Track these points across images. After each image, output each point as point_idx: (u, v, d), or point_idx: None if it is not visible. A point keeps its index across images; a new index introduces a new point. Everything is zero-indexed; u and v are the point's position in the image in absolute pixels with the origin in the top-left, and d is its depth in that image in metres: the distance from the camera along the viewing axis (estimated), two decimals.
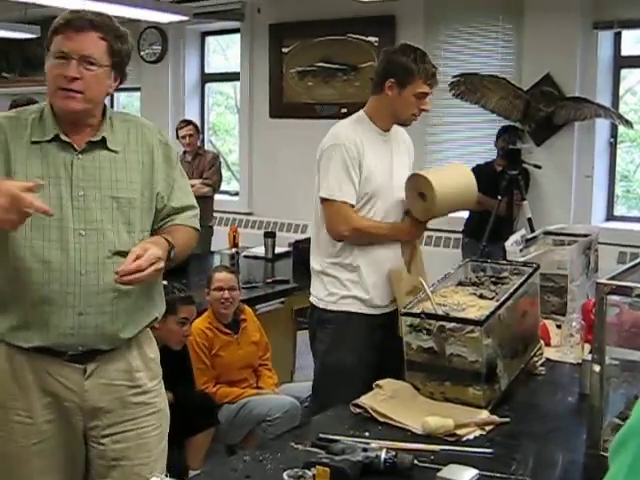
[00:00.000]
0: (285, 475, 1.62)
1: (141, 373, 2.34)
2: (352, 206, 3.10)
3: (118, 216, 2.23)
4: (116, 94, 8.84)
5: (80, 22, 2.12)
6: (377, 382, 2.49)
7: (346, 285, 3.17)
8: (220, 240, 6.49)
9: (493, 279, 2.74)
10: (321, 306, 3.22)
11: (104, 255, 2.19)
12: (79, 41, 2.12)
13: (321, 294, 3.22)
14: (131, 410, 2.31)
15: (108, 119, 2.27)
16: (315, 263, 3.26)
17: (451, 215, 3.53)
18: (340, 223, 3.10)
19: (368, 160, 3.12)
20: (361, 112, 3.27)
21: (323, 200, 3.12)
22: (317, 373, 3.31)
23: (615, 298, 2.01)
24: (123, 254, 2.16)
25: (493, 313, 2.34)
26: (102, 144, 2.23)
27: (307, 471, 1.66)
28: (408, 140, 3.39)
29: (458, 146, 6.67)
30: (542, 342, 2.84)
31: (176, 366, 3.46)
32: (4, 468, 2.25)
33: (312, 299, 3.27)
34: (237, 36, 7.91)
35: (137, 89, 8.29)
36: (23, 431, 2.22)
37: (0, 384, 2.23)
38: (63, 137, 2.19)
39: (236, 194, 8.12)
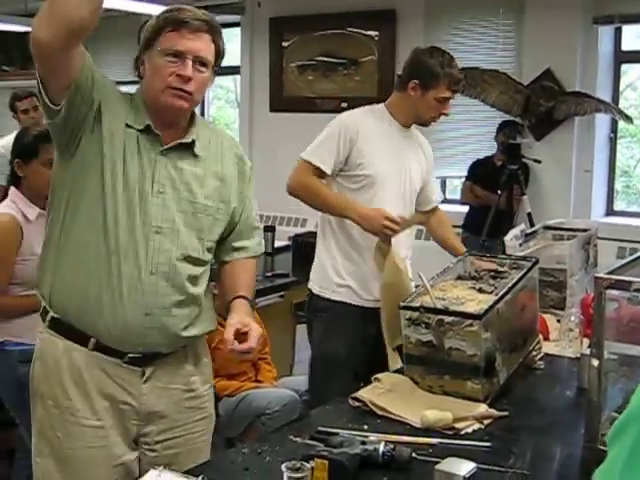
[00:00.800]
0: (283, 467, 1.63)
1: (195, 377, 2.33)
2: (320, 170, 3.14)
3: (192, 221, 2.20)
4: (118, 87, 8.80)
5: (197, 23, 2.10)
6: (376, 376, 2.49)
7: (342, 275, 3.20)
8: None
9: (492, 273, 2.74)
10: (315, 292, 3.27)
11: (176, 256, 2.17)
12: (195, 41, 2.10)
13: (319, 281, 3.27)
14: (184, 415, 2.28)
15: (197, 123, 2.25)
16: (318, 250, 3.32)
17: (451, 210, 3.58)
18: (294, 175, 3.23)
19: (370, 145, 3.15)
20: (381, 105, 3.30)
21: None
22: (310, 363, 3.35)
23: (614, 293, 2.02)
24: (192, 259, 2.20)
25: (492, 307, 2.34)
26: (188, 147, 2.20)
27: (305, 463, 1.66)
28: (425, 143, 3.43)
29: (458, 141, 6.67)
30: (541, 336, 2.84)
31: None
32: (59, 470, 2.16)
33: (310, 285, 3.34)
34: (237, 30, 7.90)
35: (137, 82, 8.25)
36: (80, 433, 2.13)
37: (56, 381, 2.15)
38: (155, 130, 2.16)
39: None
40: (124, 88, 2.30)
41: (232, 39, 8.37)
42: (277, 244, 5.76)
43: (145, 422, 2.21)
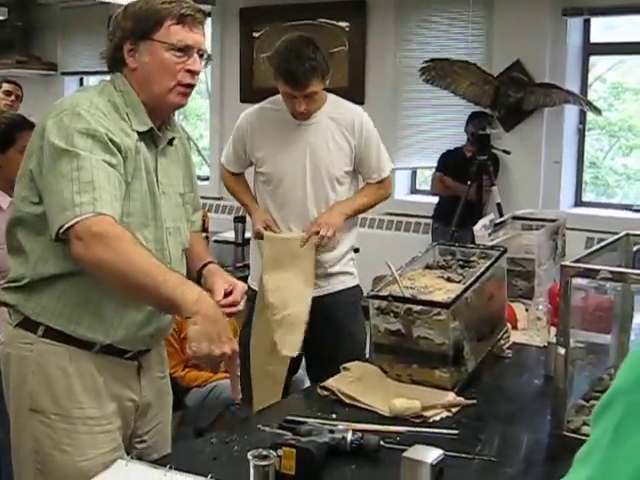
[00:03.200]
0: (249, 455, 1.63)
1: (166, 361, 2.34)
2: (230, 172, 3.48)
3: (183, 213, 2.21)
4: (86, 77, 8.78)
5: (199, 16, 2.06)
6: (344, 365, 2.49)
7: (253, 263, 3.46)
8: None
9: (461, 262, 2.75)
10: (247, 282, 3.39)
11: (180, 253, 2.18)
12: (198, 34, 2.06)
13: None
14: (162, 401, 2.27)
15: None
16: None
17: (421, 200, 3.58)
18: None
19: (264, 142, 3.27)
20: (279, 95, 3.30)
21: None
22: None
23: (581, 282, 2.04)
24: (184, 252, 2.21)
25: (460, 296, 2.35)
26: (172, 139, 2.18)
27: (271, 451, 1.66)
28: (357, 121, 3.31)
29: (428, 131, 6.69)
30: (509, 325, 2.86)
31: None
32: None
33: None
34: (208, 20, 7.82)
35: (106, 72, 8.20)
36: (92, 441, 2.04)
37: (64, 391, 2.03)
38: (156, 131, 2.09)
39: (206, 179, 8.09)
40: (92, 78, 2.27)
41: None
42: (247, 235, 5.74)
43: (141, 415, 2.19)
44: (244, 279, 4.85)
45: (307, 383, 3.52)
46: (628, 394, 0.87)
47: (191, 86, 2.08)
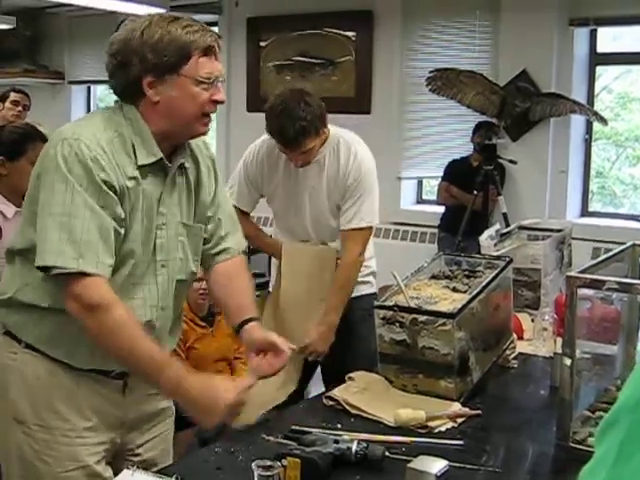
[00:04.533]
0: (254, 466, 1.62)
1: None
2: (241, 210, 3.24)
3: (187, 243, 2.14)
4: (93, 86, 8.80)
5: (218, 44, 2.03)
6: (350, 375, 2.49)
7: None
8: None
9: (466, 272, 2.75)
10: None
11: (174, 285, 2.12)
12: (220, 63, 2.04)
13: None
14: (158, 416, 2.25)
15: None
16: None
17: (427, 210, 3.57)
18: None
19: (269, 181, 3.30)
20: None
21: None
22: None
23: (587, 292, 2.03)
24: (183, 282, 2.16)
25: (465, 306, 2.35)
26: (182, 165, 2.12)
27: (276, 461, 1.66)
28: (348, 162, 3.21)
29: (434, 141, 6.68)
30: (514, 335, 2.85)
31: None
32: None
33: None
34: (215, 29, 7.86)
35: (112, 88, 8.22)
36: (73, 453, 2.03)
37: (44, 402, 2.02)
38: (166, 161, 2.04)
39: None
40: (100, 87, 2.25)
41: None
42: None
43: (130, 429, 2.17)
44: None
45: (312, 393, 3.51)
46: (633, 411, 0.86)
47: (209, 115, 2.05)
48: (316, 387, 3.75)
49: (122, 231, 1.95)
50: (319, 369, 3.48)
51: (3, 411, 2.08)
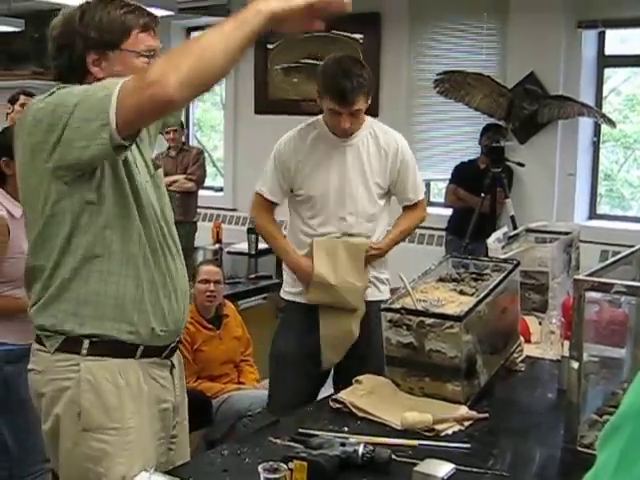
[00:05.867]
0: (260, 468, 1.62)
1: (182, 361, 2.38)
2: (272, 202, 3.38)
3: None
4: None
5: (156, 22, 2.13)
6: (357, 377, 2.49)
7: (293, 278, 3.39)
8: (203, 236, 6.47)
9: (474, 275, 2.74)
10: (280, 294, 3.48)
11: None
12: (158, 40, 2.13)
13: (283, 284, 3.49)
14: (185, 400, 2.32)
15: None
16: None
17: (434, 212, 3.58)
18: (253, 210, 3.55)
19: (306, 168, 3.26)
20: (320, 117, 3.33)
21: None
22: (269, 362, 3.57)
23: (595, 295, 2.02)
24: None
25: (472, 309, 2.34)
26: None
27: (282, 464, 1.66)
28: (388, 143, 3.33)
29: (442, 144, 6.68)
30: (522, 339, 2.84)
31: None
32: None
33: None
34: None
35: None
36: (143, 450, 2.07)
37: (118, 403, 2.04)
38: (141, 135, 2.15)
39: (220, 190, 8.11)
40: None
41: None
42: (261, 246, 5.75)
43: (175, 415, 2.22)
44: (257, 291, 4.89)
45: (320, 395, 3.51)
46: (635, 418, 0.86)
47: None
48: (324, 392, 3.75)
49: None
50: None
51: (68, 427, 2.05)
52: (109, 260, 2.03)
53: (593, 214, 6.35)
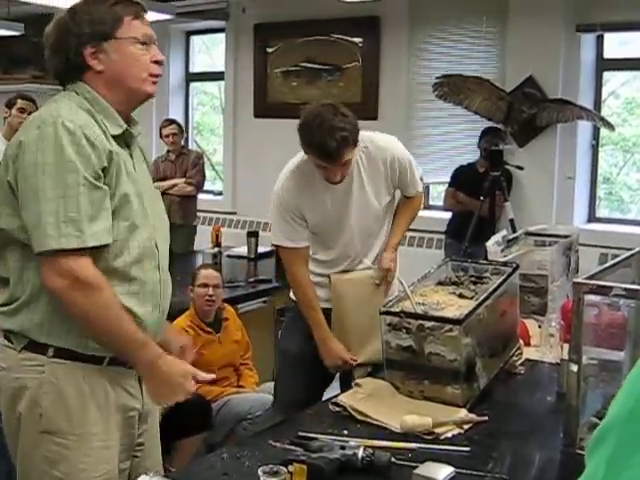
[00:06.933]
0: (260, 471, 1.63)
1: None
2: (301, 249, 3.18)
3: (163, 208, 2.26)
4: None
5: (144, 8, 2.12)
6: (356, 381, 2.49)
7: None
8: (203, 239, 6.48)
9: (473, 279, 2.75)
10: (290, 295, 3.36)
11: (167, 246, 2.21)
12: (150, 28, 2.11)
13: None
14: (153, 408, 2.27)
15: None
16: None
17: (434, 216, 3.55)
18: (288, 267, 3.26)
19: (311, 207, 3.14)
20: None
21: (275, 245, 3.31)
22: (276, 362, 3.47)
23: (594, 298, 2.03)
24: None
25: (472, 312, 2.35)
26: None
27: (282, 467, 1.66)
28: (379, 156, 3.20)
29: (441, 147, 6.68)
30: (521, 342, 2.85)
31: None
32: None
33: None
34: (222, 36, 7.90)
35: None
36: (105, 456, 2.05)
37: (81, 409, 2.01)
38: (130, 131, 2.12)
39: (220, 194, 8.11)
40: None
41: (217, 45, 8.38)
42: (260, 250, 5.76)
43: (142, 422, 2.19)
44: (257, 294, 4.89)
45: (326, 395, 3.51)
46: (620, 427, 0.87)
47: (158, 76, 2.12)
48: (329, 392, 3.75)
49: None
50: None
51: (27, 427, 2.03)
52: None
53: (592, 217, 6.35)
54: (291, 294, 3.36)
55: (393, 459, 1.93)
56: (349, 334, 3.16)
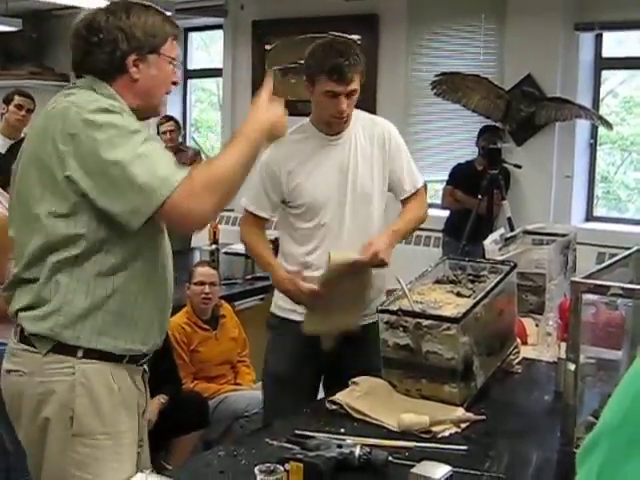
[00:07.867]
0: (256, 470, 1.62)
1: None
2: (261, 217, 3.06)
3: None
4: None
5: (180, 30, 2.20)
6: (353, 379, 2.49)
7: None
8: (200, 236, 6.46)
9: (470, 277, 2.74)
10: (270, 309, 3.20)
11: None
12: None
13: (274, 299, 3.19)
14: (149, 402, 2.31)
15: None
16: None
17: (431, 214, 3.48)
18: (241, 225, 3.17)
19: (297, 174, 2.99)
20: (307, 119, 3.15)
21: None
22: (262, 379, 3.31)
23: (592, 297, 2.02)
24: None
25: (469, 311, 2.35)
26: None
27: (278, 465, 1.66)
28: (377, 132, 3.11)
29: (439, 145, 6.68)
30: (519, 340, 2.85)
31: (160, 364, 3.40)
32: None
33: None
34: (220, 32, 7.89)
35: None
36: (132, 454, 2.09)
37: (112, 408, 2.03)
38: None
39: None
40: None
41: (215, 42, 8.37)
42: None
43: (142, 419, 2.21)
44: (254, 292, 4.88)
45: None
46: (611, 434, 0.87)
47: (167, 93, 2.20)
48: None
49: None
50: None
51: (57, 432, 2.01)
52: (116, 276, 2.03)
53: (590, 216, 6.35)
54: (272, 308, 3.20)
55: (390, 458, 1.93)
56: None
